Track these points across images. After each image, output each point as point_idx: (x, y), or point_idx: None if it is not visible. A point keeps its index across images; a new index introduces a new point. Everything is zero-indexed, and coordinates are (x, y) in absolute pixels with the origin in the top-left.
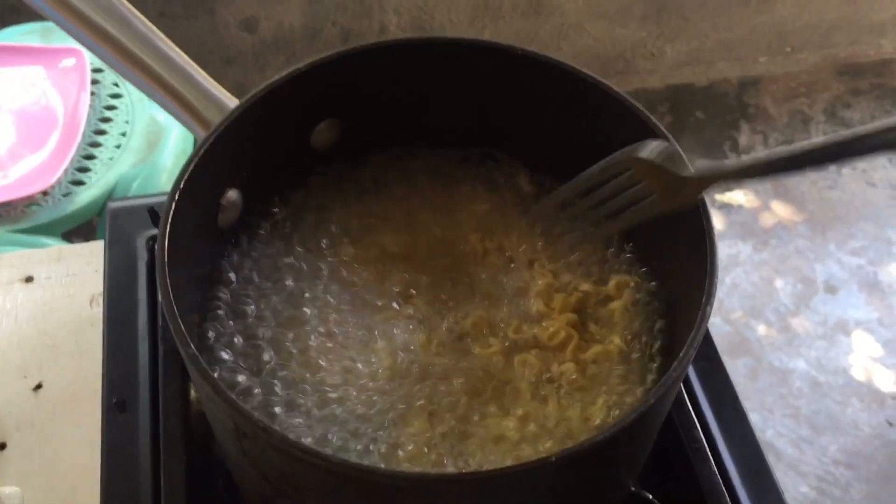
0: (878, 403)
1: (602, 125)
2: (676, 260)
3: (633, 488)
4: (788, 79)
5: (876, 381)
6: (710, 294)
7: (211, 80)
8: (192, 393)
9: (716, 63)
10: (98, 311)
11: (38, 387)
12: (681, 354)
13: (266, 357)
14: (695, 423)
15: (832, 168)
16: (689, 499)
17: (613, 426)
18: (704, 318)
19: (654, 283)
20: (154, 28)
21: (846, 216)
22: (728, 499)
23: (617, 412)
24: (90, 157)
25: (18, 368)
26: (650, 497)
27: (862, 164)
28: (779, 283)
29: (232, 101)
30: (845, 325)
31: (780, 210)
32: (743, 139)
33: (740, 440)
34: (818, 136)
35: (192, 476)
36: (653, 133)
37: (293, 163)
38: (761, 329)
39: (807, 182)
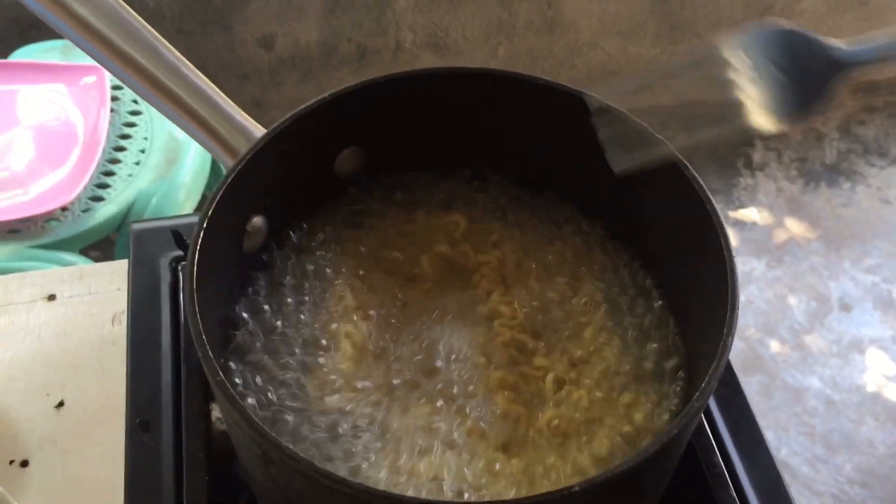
0: (892, 422)
1: None
2: (692, 283)
3: None
4: None
5: (890, 399)
6: (731, 325)
7: (238, 109)
8: (215, 413)
9: None
10: (120, 329)
11: (61, 405)
12: (702, 385)
13: (291, 380)
14: (713, 447)
15: (846, 185)
16: None
17: (636, 456)
18: (726, 349)
19: (661, 303)
20: (182, 57)
21: (861, 233)
22: None
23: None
24: (109, 174)
25: (41, 386)
26: None
27: (876, 181)
28: (793, 300)
29: (258, 130)
30: (860, 343)
31: (794, 227)
32: (757, 156)
33: (759, 466)
34: (832, 153)
35: (214, 496)
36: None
37: (317, 189)
38: (775, 346)
39: (821, 199)
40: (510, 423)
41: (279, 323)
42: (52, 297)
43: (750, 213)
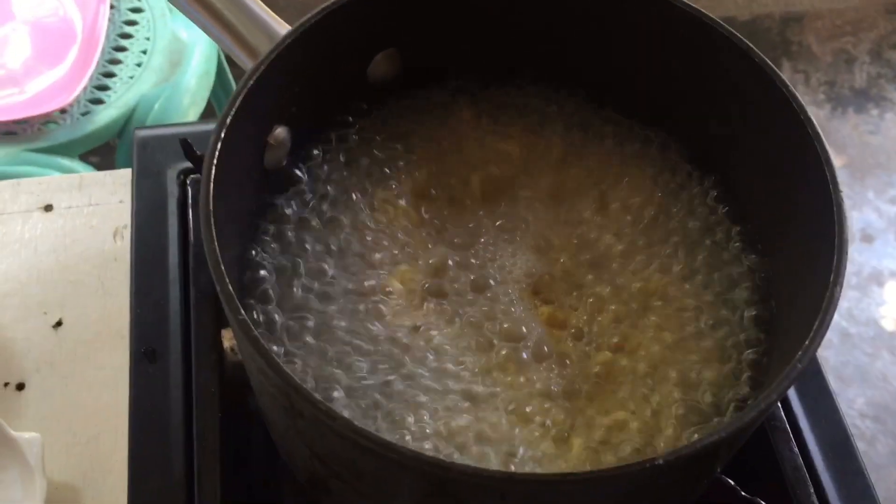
0: None
1: (703, 63)
2: (785, 220)
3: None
4: (834, 16)
5: None
6: (838, 272)
7: (260, 3)
8: (226, 342)
9: None
10: (122, 244)
11: (59, 324)
12: (806, 344)
13: (316, 316)
14: None
15: (874, 112)
16: (770, 481)
17: (729, 426)
18: (833, 301)
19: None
20: None
21: (887, 163)
22: (811, 483)
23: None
24: (110, 75)
25: (38, 304)
26: (731, 483)
27: None
28: None
29: (283, 28)
30: (879, 275)
31: None
32: (784, 78)
33: (825, 419)
34: (862, 78)
35: (226, 432)
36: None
37: (347, 98)
38: None
39: (848, 125)
40: (559, 367)
41: (304, 247)
42: (48, 208)
43: None
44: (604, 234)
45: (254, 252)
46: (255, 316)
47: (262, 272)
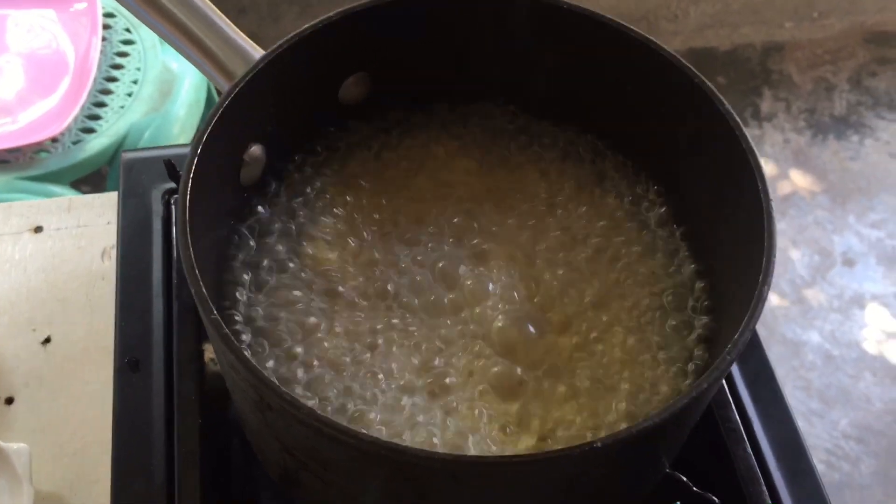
0: (891, 378)
1: (652, 87)
2: (722, 227)
3: (668, 470)
4: (814, 45)
5: (889, 356)
6: (766, 274)
7: (235, 28)
8: (208, 353)
9: (740, 27)
10: (109, 264)
11: (47, 341)
12: (735, 337)
13: (287, 319)
14: (729, 402)
15: (854, 138)
16: (723, 480)
17: (663, 411)
18: (760, 300)
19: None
20: None
21: (867, 188)
22: (763, 482)
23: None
24: (101, 105)
25: (27, 321)
26: (684, 479)
27: (885, 135)
28: (795, 253)
29: (257, 52)
30: (861, 298)
31: (800, 179)
32: (765, 106)
33: (777, 421)
34: (842, 105)
35: (206, 439)
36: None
37: (320, 118)
38: (775, 300)
39: (828, 152)
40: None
41: (276, 257)
42: (38, 229)
43: None
44: (562, 240)
45: (230, 260)
46: (236, 317)
47: (238, 279)
